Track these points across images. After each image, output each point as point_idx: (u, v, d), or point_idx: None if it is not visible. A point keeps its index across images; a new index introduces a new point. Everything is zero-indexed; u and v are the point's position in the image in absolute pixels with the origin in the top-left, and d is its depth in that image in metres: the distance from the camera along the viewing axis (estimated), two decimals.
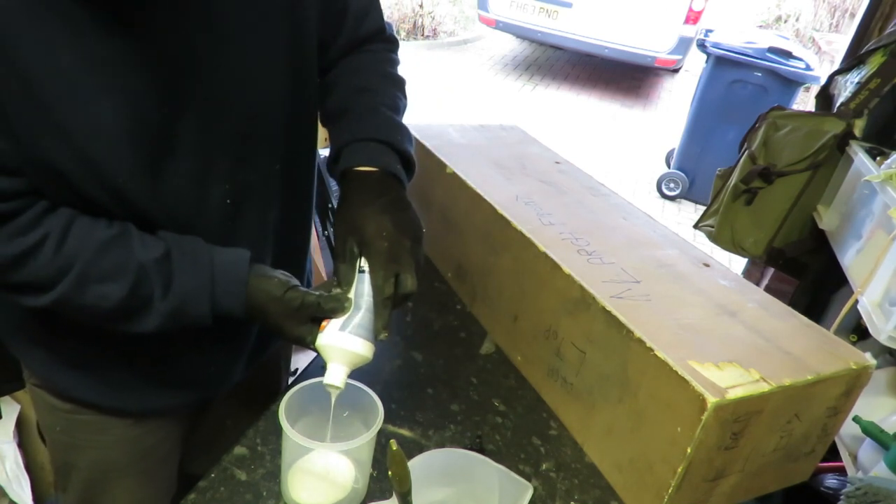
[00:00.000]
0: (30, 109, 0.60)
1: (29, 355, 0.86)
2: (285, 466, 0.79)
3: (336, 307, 0.73)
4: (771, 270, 2.23)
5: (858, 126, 1.65)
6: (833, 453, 1.30)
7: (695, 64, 6.33)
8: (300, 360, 1.41)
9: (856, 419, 1.22)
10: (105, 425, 0.89)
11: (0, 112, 0.60)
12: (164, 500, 1.00)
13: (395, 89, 0.87)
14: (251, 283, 0.73)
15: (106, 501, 0.95)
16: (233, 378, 0.95)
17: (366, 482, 0.81)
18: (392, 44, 0.93)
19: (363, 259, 0.74)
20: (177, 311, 0.71)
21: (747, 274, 2.37)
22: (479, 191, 1.14)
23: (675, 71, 7.06)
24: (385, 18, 0.93)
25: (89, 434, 0.89)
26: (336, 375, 0.72)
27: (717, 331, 0.87)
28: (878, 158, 1.51)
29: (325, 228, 2.14)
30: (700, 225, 1.97)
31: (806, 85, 4.06)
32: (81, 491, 0.94)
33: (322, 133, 0.91)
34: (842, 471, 1.32)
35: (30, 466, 1.40)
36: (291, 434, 0.71)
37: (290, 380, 1.16)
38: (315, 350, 0.75)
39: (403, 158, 0.80)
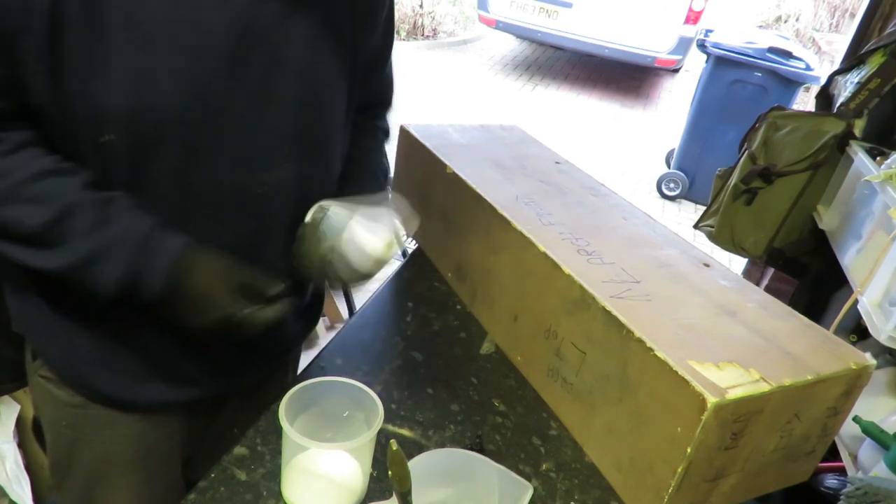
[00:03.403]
0: (95, 46, 0.62)
1: (46, 345, 0.86)
2: (285, 466, 0.79)
3: (272, 284, 0.74)
4: (771, 270, 2.23)
5: (858, 126, 1.65)
6: (833, 453, 1.30)
7: (695, 64, 6.33)
8: (301, 361, 1.41)
9: (856, 419, 1.22)
10: (113, 420, 0.89)
11: (33, 36, 0.61)
12: (166, 502, 1.00)
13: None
14: (188, 248, 0.73)
15: (106, 498, 0.95)
16: (242, 378, 0.96)
17: (366, 482, 0.81)
18: (388, 135, 1.06)
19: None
20: (94, 254, 0.69)
21: (747, 274, 2.37)
22: (479, 191, 1.14)
23: (675, 71, 7.07)
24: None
25: (96, 429, 0.90)
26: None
27: (717, 331, 0.87)
28: (878, 158, 1.51)
29: None
30: (700, 225, 1.97)
31: (806, 85, 4.06)
32: (81, 488, 0.94)
33: None
34: (842, 471, 1.32)
35: (30, 466, 1.40)
36: (291, 434, 0.71)
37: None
38: (237, 326, 0.74)
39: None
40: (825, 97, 1.86)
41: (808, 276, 1.87)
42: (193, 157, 0.71)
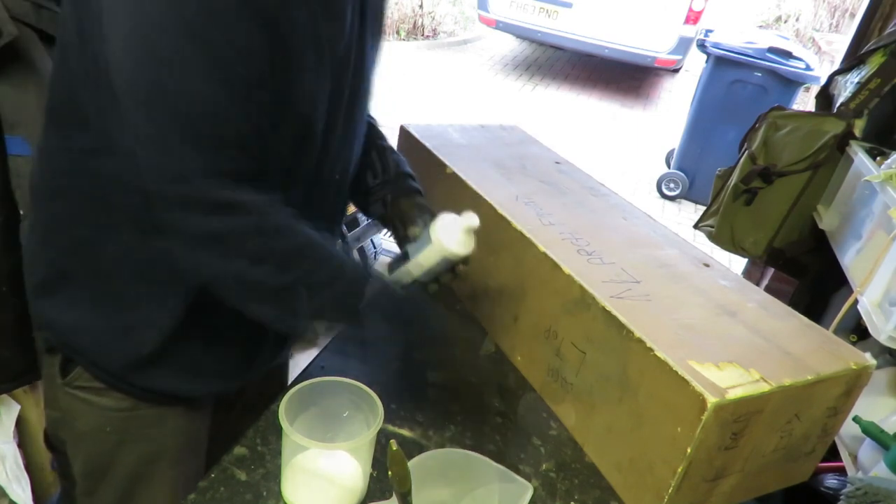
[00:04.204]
0: (279, 74, 0.70)
1: (98, 353, 0.85)
2: (285, 466, 0.79)
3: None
4: (771, 270, 2.22)
5: (858, 126, 1.65)
6: (833, 453, 1.30)
7: (695, 64, 6.33)
8: (301, 361, 1.41)
9: (856, 419, 1.22)
10: (161, 416, 0.90)
11: (264, 76, 0.68)
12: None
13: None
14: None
15: (145, 496, 0.95)
16: (270, 362, 0.99)
17: (366, 482, 0.81)
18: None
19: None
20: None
21: (747, 274, 2.37)
22: (479, 191, 1.14)
23: (675, 71, 7.06)
24: None
25: (143, 428, 0.90)
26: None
27: (717, 331, 0.87)
28: (878, 158, 1.51)
29: None
30: (700, 225, 1.97)
31: (806, 85, 4.06)
32: (120, 490, 0.93)
33: None
34: (842, 471, 1.32)
35: (30, 466, 1.40)
36: (291, 434, 0.71)
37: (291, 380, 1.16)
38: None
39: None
40: (825, 97, 1.86)
41: (808, 276, 1.86)
42: (323, 153, 0.81)
